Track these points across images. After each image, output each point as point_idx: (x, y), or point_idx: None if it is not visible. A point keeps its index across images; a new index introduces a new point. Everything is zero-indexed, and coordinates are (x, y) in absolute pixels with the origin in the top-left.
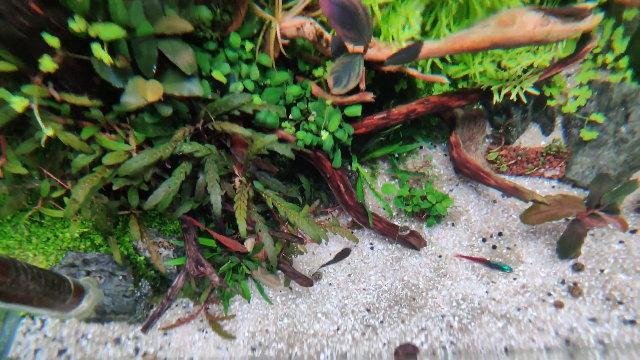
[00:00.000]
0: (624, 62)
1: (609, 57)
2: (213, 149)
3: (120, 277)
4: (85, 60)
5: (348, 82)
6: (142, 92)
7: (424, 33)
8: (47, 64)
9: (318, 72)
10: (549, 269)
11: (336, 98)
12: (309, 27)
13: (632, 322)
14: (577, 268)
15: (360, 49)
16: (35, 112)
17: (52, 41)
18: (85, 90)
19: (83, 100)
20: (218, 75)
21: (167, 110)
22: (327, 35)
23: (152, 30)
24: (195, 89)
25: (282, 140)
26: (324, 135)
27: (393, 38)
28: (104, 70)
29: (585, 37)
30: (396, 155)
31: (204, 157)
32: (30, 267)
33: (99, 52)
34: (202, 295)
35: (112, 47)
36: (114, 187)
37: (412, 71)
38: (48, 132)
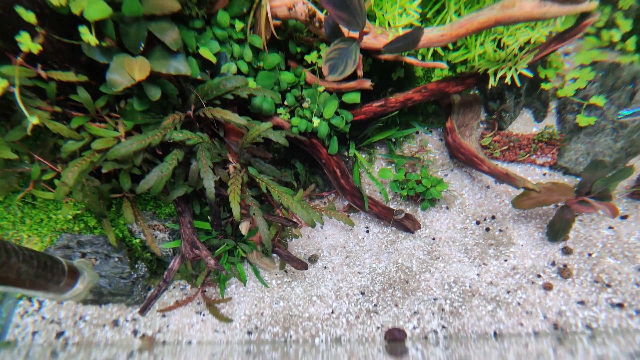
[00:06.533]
0: (631, 44)
1: (615, 34)
2: (205, 137)
3: (116, 259)
4: (71, 39)
5: (344, 70)
6: (129, 70)
7: (425, 20)
8: (28, 42)
9: (311, 57)
10: (539, 250)
11: (332, 84)
12: (301, 7)
13: (620, 305)
14: (566, 251)
15: (355, 34)
16: (17, 96)
17: (27, 16)
18: (72, 68)
19: (69, 76)
20: (206, 52)
21: (155, 93)
22: (320, 15)
23: (140, 10)
24: (181, 66)
25: (276, 127)
26: (315, 122)
27: (389, 24)
28: (89, 49)
29: (584, 14)
30: (393, 140)
31: (196, 145)
32: (22, 249)
33: (87, 37)
34: (199, 278)
35: (98, 24)
36: (103, 170)
37: (409, 59)
38: (33, 120)
